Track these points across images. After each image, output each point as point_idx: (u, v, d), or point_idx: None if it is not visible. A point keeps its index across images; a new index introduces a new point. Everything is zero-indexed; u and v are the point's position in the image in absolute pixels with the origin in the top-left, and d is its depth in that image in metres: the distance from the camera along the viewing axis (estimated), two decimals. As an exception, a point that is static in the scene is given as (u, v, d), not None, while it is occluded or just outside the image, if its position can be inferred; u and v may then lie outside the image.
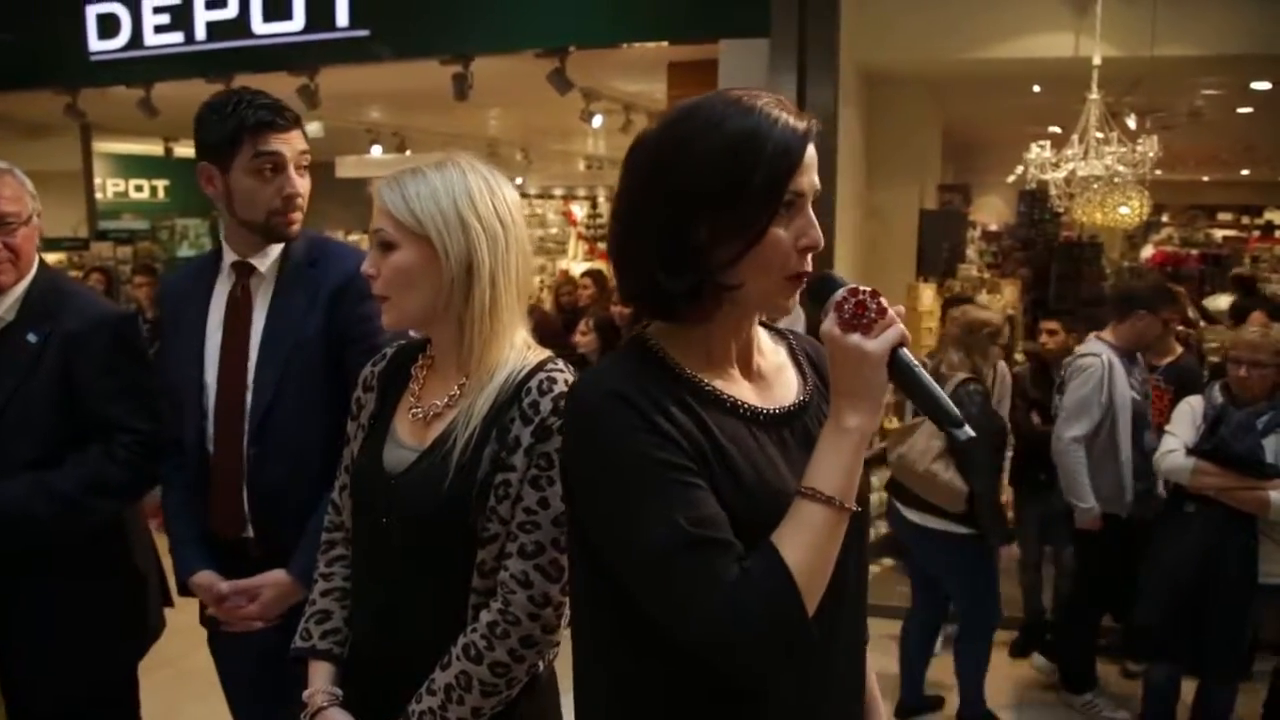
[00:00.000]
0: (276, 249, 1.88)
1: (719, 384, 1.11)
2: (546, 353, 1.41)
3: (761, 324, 1.21)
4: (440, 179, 1.36)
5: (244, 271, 1.89)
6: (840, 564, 1.04)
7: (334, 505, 1.56)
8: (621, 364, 1.11)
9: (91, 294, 2.16)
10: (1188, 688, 3.34)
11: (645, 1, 4.74)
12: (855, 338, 1.01)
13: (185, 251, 11.05)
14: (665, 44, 5.08)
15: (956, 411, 1.02)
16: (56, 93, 6.13)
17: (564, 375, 1.36)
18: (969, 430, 1.02)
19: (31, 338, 1.92)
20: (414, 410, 1.42)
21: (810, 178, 1.06)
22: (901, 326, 1.03)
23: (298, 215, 1.84)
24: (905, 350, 1.02)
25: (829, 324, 1.03)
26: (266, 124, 1.78)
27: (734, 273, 1.05)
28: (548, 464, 1.31)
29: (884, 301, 1.03)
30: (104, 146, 10.17)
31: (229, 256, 1.90)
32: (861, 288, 1.03)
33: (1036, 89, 7.13)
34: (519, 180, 11.82)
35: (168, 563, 2.16)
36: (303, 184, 1.84)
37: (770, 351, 1.21)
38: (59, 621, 1.95)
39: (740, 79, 4.38)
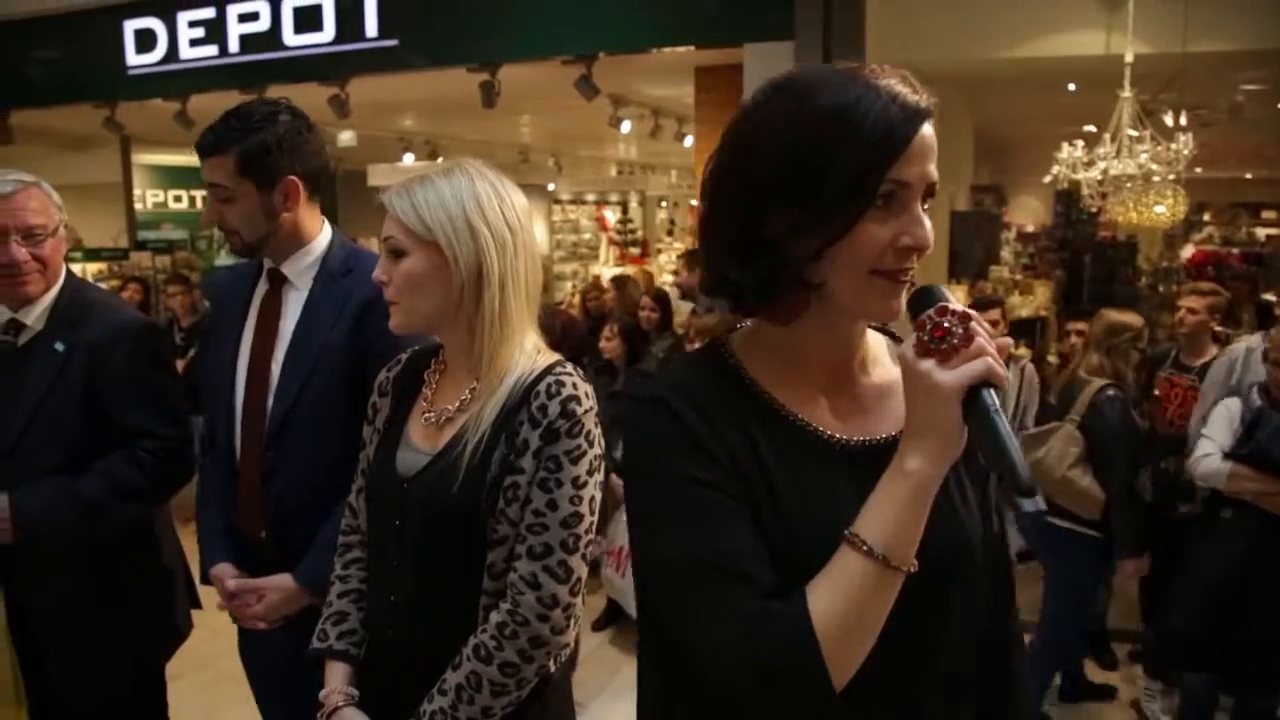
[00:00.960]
0: (309, 258, 1.90)
1: (794, 402, 0.98)
2: (555, 356, 1.42)
3: (891, 335, 1.08)
4: (449, 186, 1.37)
5: (276, 278, 1.92)
6: (922, 631, 0.93)
7: (350, 509, 1.58)
8: (687, 368, 1.02)
9: (116, 303, 2.20)
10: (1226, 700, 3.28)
11: (671, 6, 4.77)
12: (928, 364, 0.87)
13: (224, 260, 11.21)
14: (692, 49, 5.09)
15: (1029, 476, 0.85)
16: (96, 106, 6.28)
17: (572, 379, 1.36)
18: (1040, 503, 0.96)
19: (59, 347, 1.96)
20: (426, 415, 1.43)
21: (922, 168, 0.90)
22: (991, 362, 0.85)
23: (233, 239, 1.87)
24: (991, 392, 0.85)
25: (907, 344, 0.89)
26: (197, 146, 1.85)
27: (816, 269, 0.91)
28: (556, 466, 1.32)
29: (975, 328, 0.86)
30: (143, 158, 10.36)
31: (266, 262, 1.94)
32: (953, 306, 0.88)
33: (1071, 87, 7.04)
34: (551, 186, 11.86)
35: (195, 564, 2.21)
36: (222, 210, 1.84)
37: (885, 371, 1.04)
38: (86, 620, 1.98)
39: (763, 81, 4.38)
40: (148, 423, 1.98)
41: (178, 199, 11.40)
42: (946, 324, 0.87)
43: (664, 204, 19.94)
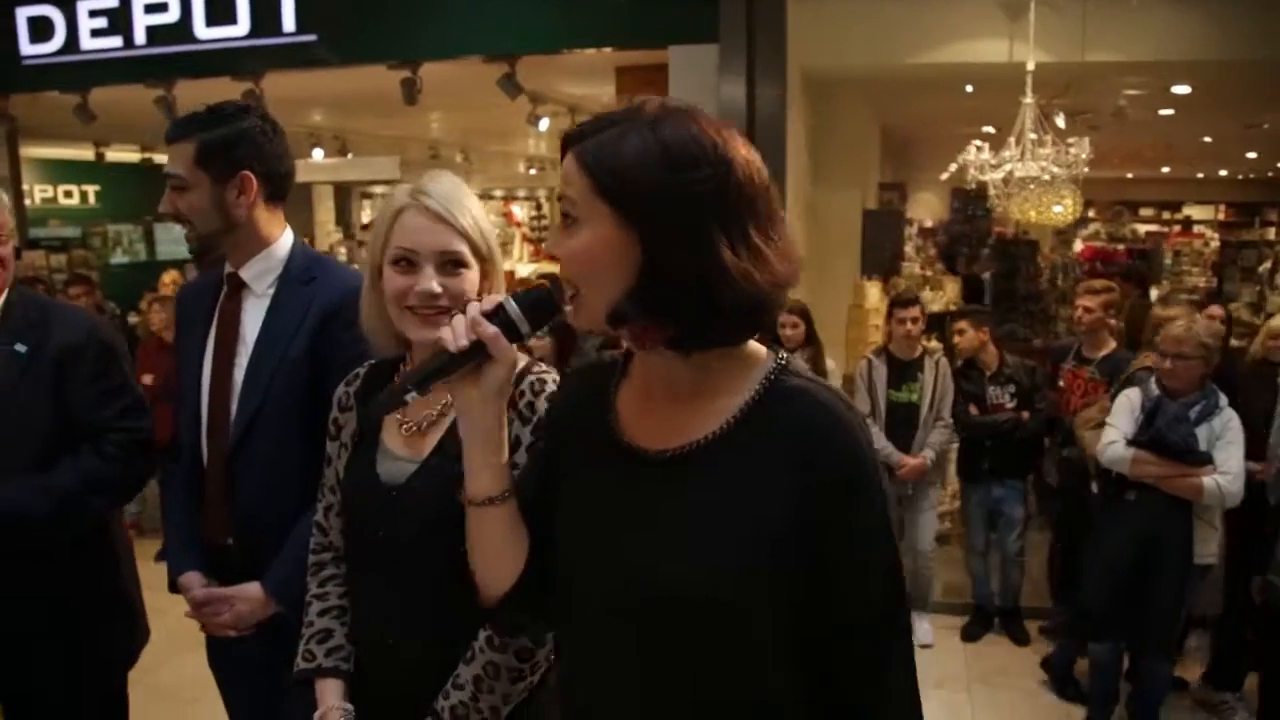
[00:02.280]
0: (268, 262, 1.89)
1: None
2: (526, 357, 1.45)
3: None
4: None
5: (234, 283, 1.91)
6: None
7: (319, 527, 1.58)
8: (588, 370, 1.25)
9: (70, 305, 2.25)
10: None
11: (594, 8, 4.78)
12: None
13: (119, 258, 10.79)
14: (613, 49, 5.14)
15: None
16: (-15, 97, 5.97)
17: (551, 374, 1.41)
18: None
19: (20, 348, 1.96)
20: (405, 425, 1.45)
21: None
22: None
23: (187, 230, 1.86)
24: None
25: None
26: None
27: None
28: None
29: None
30: (31, 151, 9.86)
31: (226, 267, 1.92)
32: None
33: (969, 89, 7.35)
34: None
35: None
36: (181, 200, 1.84)
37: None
38: (51, 634, 1.98)
39: (690, 83, 4.45)
40: (116, 417, 2.01)
41: (68, 194, 10.89)
42: None
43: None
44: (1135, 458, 3.24)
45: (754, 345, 1.09)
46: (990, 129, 8.91)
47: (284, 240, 1.93)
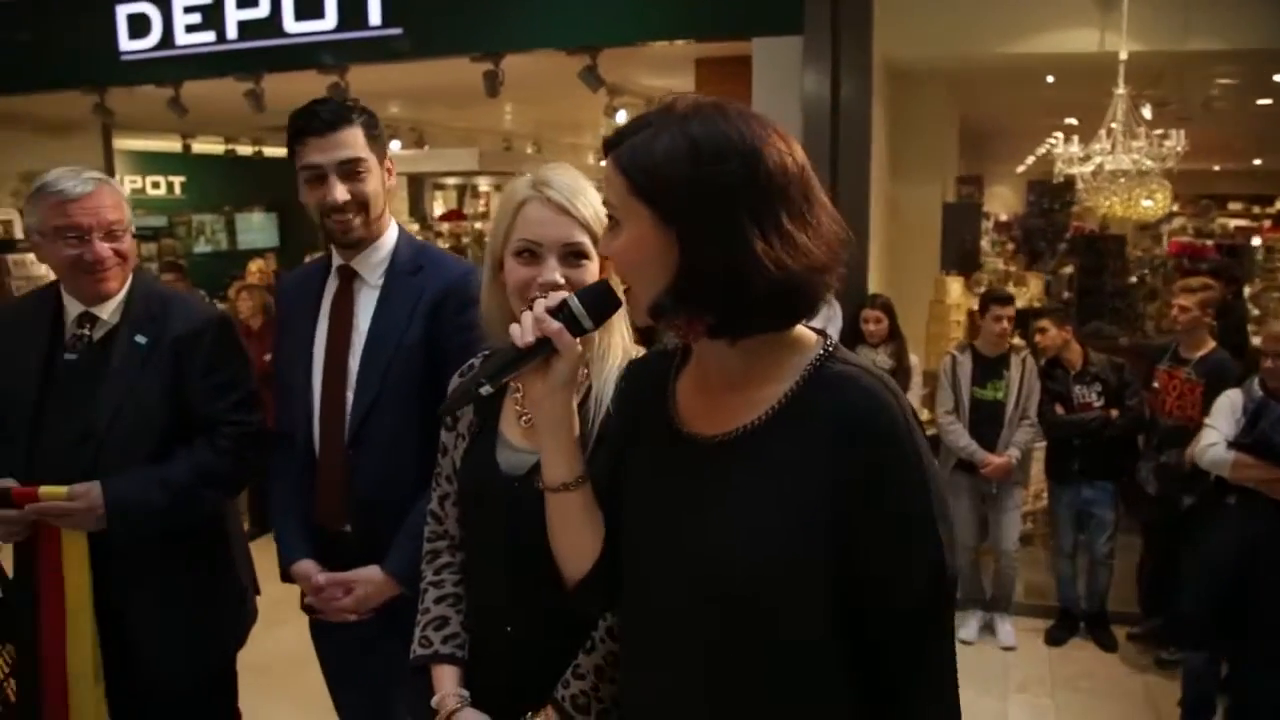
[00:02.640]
0: (379, 253, 1.92)
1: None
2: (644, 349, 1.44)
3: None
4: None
5: (347, 275, 1.94)
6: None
7: (434, 516, 1.59)
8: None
9: (189, 297, 2.24)
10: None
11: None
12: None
13: (202, 247, 11.11)
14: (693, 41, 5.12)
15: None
16: (85, 92, 6.17)
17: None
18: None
19: (140, 339, 1.99)
20: (524, 417, 1.45)
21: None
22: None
23: (350, 219, 1.86)
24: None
25: None
26: (303, 131, 1.83)
27: None
28: None
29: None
30: (124, 143, 10.19)
31: (335, 260, 1.95)
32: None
33: (1050, 80, 7.15)
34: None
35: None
36: (358, 187, 1.85)
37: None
38: (165, 615, 2.02)
39: (773, 76, 4.42)
40: (228, 411, 2.03)
41: (155, 185, 11.23)
42: None
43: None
44: (1236, 461, 3.13)
45: (803, 332, 1.12)
46: (1072, 120, 8.68)
47: (391, 231, 1.96)
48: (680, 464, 1.13)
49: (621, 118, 6.64)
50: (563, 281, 1.38)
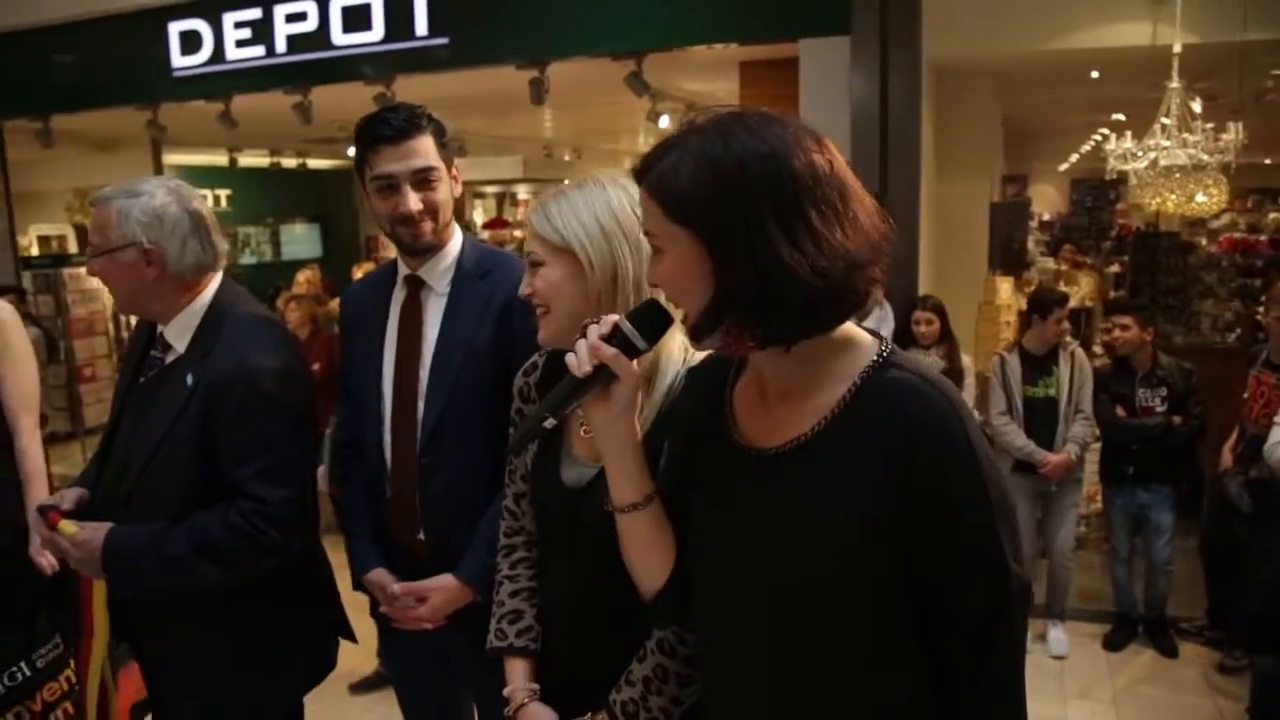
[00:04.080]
0: (445, 261, 1.91)
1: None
2: (708, 352, 1.40)
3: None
4: (581, 195, 1.41)
5: (414, 284, 1.93)
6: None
7: (510, 512, 1.60)
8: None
9: (242, 335, 1.85)
10: None
11: (719, 2, 4.76)
12: None
13: (247, 259, 11.29)
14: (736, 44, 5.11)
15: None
16: (139, 108, 6.30)
17: None
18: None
19: (189, 380, 1.81)
20: (585, 429, 1.44)
21: None
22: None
23: (422, 228, 1.84)
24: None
25: None
26: (376, 139, 1.81)
27: None
28: None
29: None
30: (172, 158, 10.38)
31: (401, 269, 1.94)
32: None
33: (1094, 75, 7.05)
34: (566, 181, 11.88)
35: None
36: (430, 196, 1.83)
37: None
38: (249, 646, 1.88)
39: (820, 78, 4.40)
40: (249, 482, 1.77)
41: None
42: None
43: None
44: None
45: (858, 334, 1.12)
46: (1119, 116, 8.55)
47: (456, 238, 1.95)
48: (737, 473, 1.14)
49: (664, 123, 6.64)
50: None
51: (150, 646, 1.96)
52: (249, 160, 10.58)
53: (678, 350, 1.43)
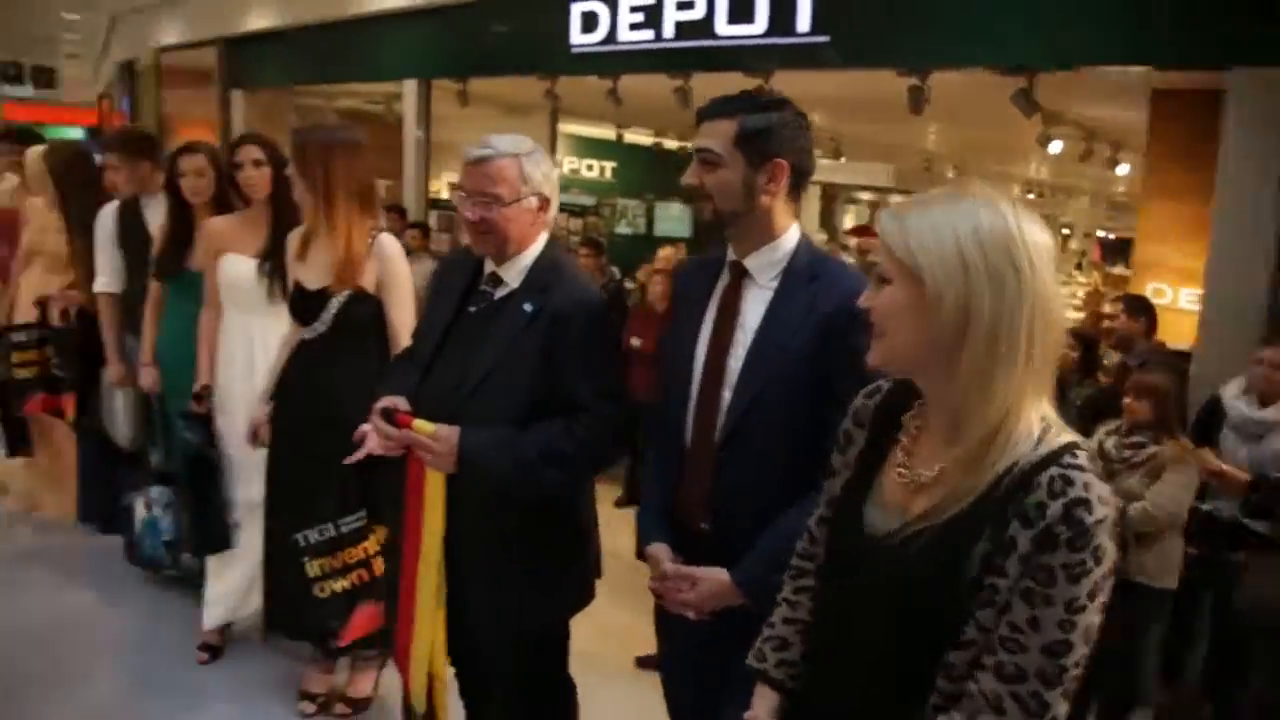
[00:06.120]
0: (775, 253, 1.86)
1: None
2: (1071, 437, 1.16)
3: None
4: (945, 212, 1.17)
5: (738, 272, 1.89)
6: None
7: (810, 534, 1.48)
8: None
9: (579, 274, 2.28)
10: None
11: (1129, 20, 4.11)
12: None
13: (623, 229, 11.97)
14: (1149, 69, 4.46)
15: None
16: (540, 78, 6.85)
17: (1085, 475, 1.11)
18: None
19: (527, 307, 2.09)
20: (900, 471, 1.27)
21: None
22: None
23: (705, 206, 1.84)
24: None
25: None
26: (697, 116, 1.84)
27: None
28: (1048, 580, 1.10)
29: None
30: (566, 128, 11.26)
31: (729, 255, 1.92)
32: None
33: None
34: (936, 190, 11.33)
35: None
36: (706, 178, 1.81)
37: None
38: (521, 559, 2.14)
39: (1253, 113, 3.71)
40: (589, 398, 2.05)
41: (589, 168, 12.28)
42: None
43: (1066, 231, 18.13)
44: None
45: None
46: None
47: (791, 234, 1.88)
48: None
49: (1055, 148, 6.06)
50: None
51: (459, 553, 2.16)
52: (633, 137, 11.19)
53: None
